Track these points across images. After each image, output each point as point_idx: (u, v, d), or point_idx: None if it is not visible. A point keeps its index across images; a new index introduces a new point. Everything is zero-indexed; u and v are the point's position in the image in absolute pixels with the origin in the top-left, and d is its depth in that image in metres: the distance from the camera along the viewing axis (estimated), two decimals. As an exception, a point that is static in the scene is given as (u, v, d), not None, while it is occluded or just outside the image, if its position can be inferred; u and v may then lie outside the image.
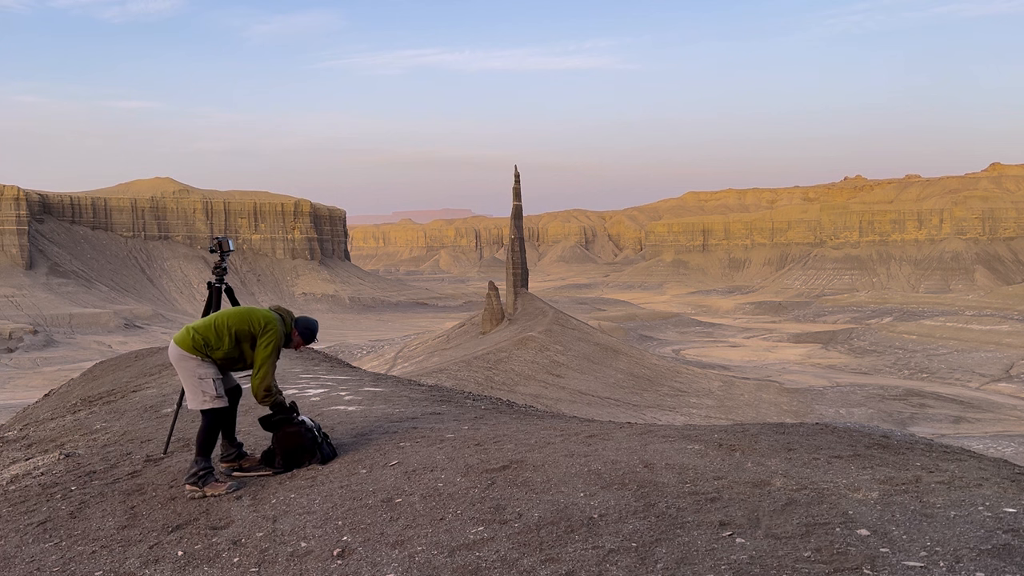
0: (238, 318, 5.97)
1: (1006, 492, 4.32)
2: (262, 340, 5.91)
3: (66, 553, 4.95)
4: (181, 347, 5.97)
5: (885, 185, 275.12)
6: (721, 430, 6.50)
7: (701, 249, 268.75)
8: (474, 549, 4.21)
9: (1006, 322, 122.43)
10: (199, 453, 5.89)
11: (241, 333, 5.94)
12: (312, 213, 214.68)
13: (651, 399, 77.06)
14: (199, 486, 5.76)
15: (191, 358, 5.94)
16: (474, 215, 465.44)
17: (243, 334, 5.94)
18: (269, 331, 5.93)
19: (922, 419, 74.87)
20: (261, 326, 5.94)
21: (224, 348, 5.92)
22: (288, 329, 6.12)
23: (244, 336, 5.94)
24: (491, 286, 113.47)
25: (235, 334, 5.93)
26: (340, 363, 15.72)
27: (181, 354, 5.97)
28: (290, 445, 6.02)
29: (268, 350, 5.89)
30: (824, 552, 3.69)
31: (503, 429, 6.85)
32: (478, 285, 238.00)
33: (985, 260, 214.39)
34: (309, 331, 6.21)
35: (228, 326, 5.94)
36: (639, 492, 4.74)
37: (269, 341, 5.90)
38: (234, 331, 5.93)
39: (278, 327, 5.98)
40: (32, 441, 9.06)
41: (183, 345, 5.96)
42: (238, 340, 5.94)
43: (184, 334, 6.01)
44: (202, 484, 5.77)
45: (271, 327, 5.94)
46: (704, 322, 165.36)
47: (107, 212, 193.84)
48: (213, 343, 5.93)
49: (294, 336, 6.17)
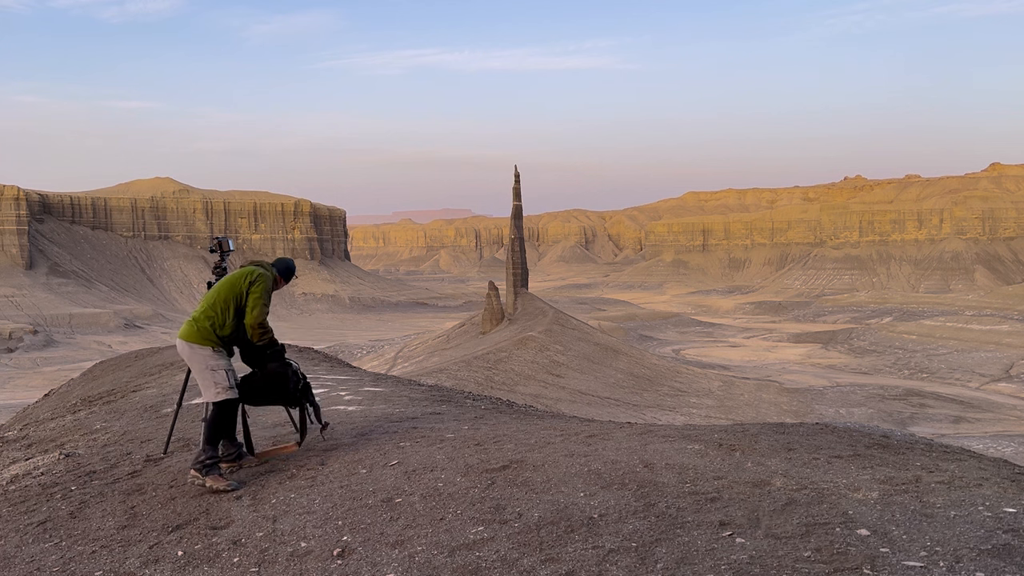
0: (227, 286, 6.10)
1: (1006, 492, 4.32)
2: (252, 288, 6.06)
3: (66, 553, 4.95)
4: (189, 340, 6.04)
5: (885, 185, 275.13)
6: (721, 430, 6.51)
7: (701, 249, 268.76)
8: (474, 549, 4.21)
9: (1006, 322, 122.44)
10: (207, 442, 5.97)
11: (236, 297, 6.07)
12: (312, 213, 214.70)
13: (651, 399, 77.07)
14: (202, 474, 5.85)
15: (203, 348, 6.03)
16: (474, 215, 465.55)
17: (238, 297, 6.07)
18: (256, 278, 6.10)
19: (922, 419, 74.88)
20: (248, 281, 6.09)
21: (229, 321, 6.04)
22: (272, 275, 6.31)
23: (239, 298, 6.07)
24: (491, 286, 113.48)
25: (231, 302, 6.06)
26: (340, 363, 15.73)
27: (191, 347, 6.04)
28: (273, 382, 6.19)
29: (259, 291, 6.06)
30: (824, 552, 3.69)
31: (503, 429, 6.85)
32: (478, 285, 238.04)
33: (985, 260, 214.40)
34: (288, 270, 6.50)
35: (224, 299, 6.06)
36: (639, 492, 4.74)
37: (258, 285, 6.07)
38: (230, 299, 6.05)
39: (263, 272, 6.18)
40: (32, 441, 9.06)
41: (191, 338, 6.03)
42: (237, 308, 6.07)
43: (188, 327, 6.07)
44: (205, 473, 5.84)
45: (256, 274, 6.13)
46: (704, 322, 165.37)
47: (107, 212, 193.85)
48: (218, 321, 6.03)
49: (278, 280, 6.41)
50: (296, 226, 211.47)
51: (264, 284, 6.09)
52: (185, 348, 6.07)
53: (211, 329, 6.01)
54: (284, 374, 6.21)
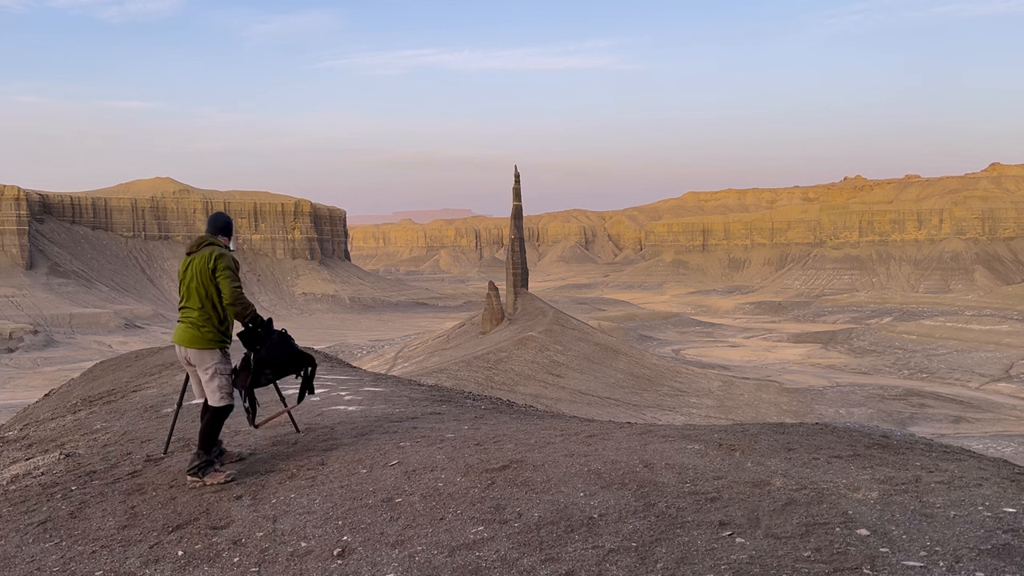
0: (201, 278, 6.01)
1: (1006, 492, 4.33)
2: (217, 271, 5.97)
3: (66, 553, 4.95)
4: (197, 346, 6.05)
5: (885, 185, 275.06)
6: (721, 430, 6.51)
7: (701, 249, 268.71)
8: (474, 549, 4.21)
9: (1006, 322, 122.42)
10: (201, 447, 6.03)
11: (208, 283, 5.99)
12: (312, 213, 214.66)
13: (651, 399, 77.07)
14: (199, 476, 5.93)
15: (212, 353, 6.07)
16: (474, 215, 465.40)
17: (208, 281, 5.99)
18: (216, 258, 5.99)
19: (922, 419, 74.88)
20: (211, 262, 5.99)
21: (220, 309, 6.04)
22: (222, 245, 6.23)
23: (211, 281, 6.00)
24: (491, 286, 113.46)
25: (212, 290, 6.00)
26: (340, 363, 15.73)
27: (200, 353, 6.06)
28: (279, 355, 6.18)
29: (222, 269, 5.94)
30: (824, 552, 3.69)
31: (503, 429, 6.85)
32: (478, 285, 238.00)
33: (985, 260, 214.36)
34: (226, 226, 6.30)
35: (206, 292, 6.00)
36: (639, 492, 4.74)
37: (220, 262, 5.98)
38: (211, 289, 5.99)
39: (217, 248, 6.08)
40: (32, 441, 9.06)
41: (198, 344, 6.04)
42: (217, 291, 6.01)
43: (191, 332, 6.05)
44: (202, 475, 5.94)
45: (216, 254, 6.02)
46: (704, 322, 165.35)
47: (107, 212, 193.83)
48: (214, 317, 6.03)
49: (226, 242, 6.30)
50: (296, 226, 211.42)
51: (224, 260, 6.00)
52: (193, 354, 6.07)
53: (215, 329, 6.04)
54: (284, 341, 6.21)
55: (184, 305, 6.09)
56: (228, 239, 6.31)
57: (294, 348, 6.30)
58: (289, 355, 6.25)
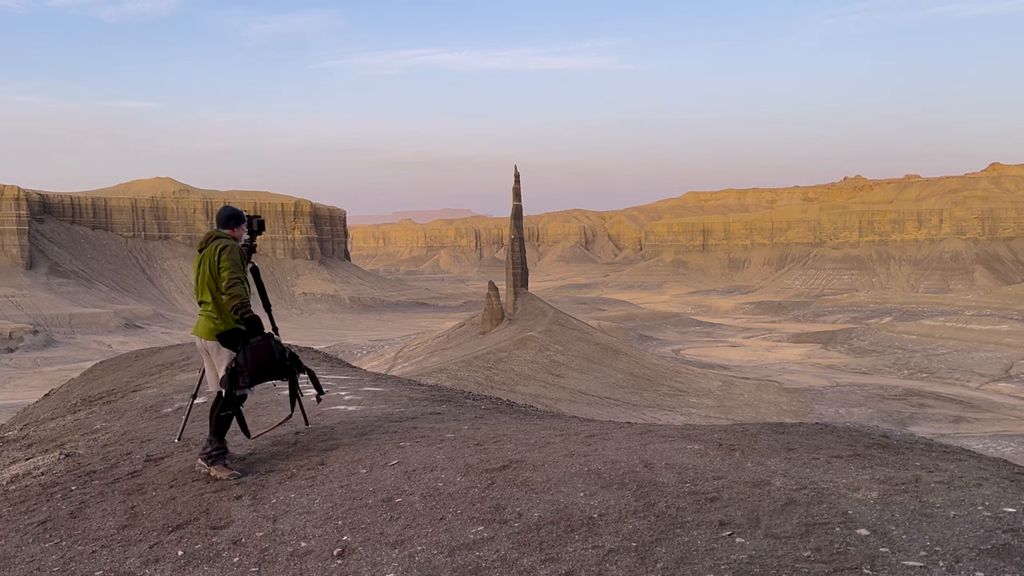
0: (208, 271, 6.02)
1: (1006, 492, 4.33)
2: (222, 260, 5.97)
3: (66, 553, 4.95)
4: (212, 337, 6.08)
5: (885, 185, 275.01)
6: (721, 430, 6.51)
7: (701, 249, 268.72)
8: (474, 549, 4.21)
9: (1006, 322, 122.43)
10: (213, 433, 6.13)
11: (216, 276, 5.99)
12: (312, 213, 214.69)
13: (651, 399, 77.07)
14: (208, 464, 6.05)
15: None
16: (474, 215, 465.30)
17: (216, 274, 5.99)
18: (221, 250, 6.00)
19: (922, 419, 74.88)
20: (216, 255, 6.00)
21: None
22: (229, 238, 6.21)
23: (218, 273, 6.00)
24: (491, 286, 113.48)
25: (217, 280, 6.00)
26: (340, 363, 15.72)
27: (216, 344, 6.09)
28: (257, 360, 5.95)
29: (225, 259, 5.95)
30: (824, 552, 3.69)
31: (503, 429, 6.85)
32: (478, 285, 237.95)
33: (985, 260, 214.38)
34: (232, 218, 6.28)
35: (213, 281, 6.00)
36: (639, 492, 4.74)
37: (225, 253, 5.99)
38: (215, 279, 6.00)
39: (223, 241, 6.08)
40: (32, 441, 9.06)
41: (214, 335, 6.08)
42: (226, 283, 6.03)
43: (208, 325, 6.06)
44: (211, 463, 6.03)
45: (223, 245, 6.02)
46: (704, 322, 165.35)
47: (107, 212, 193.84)
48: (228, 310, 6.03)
49: (236, 234, 6.28)
50: (296, 226, 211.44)
51: (228, 252, 6.01)
52: (211, 345, 6.10)
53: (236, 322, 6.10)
54: (266, 344, 5.98)
55: (200, 300, 6.14)
56: (235, 230, 6.29)
57: (276, 355, 6.02)
58: (267, 361, 5.97)
